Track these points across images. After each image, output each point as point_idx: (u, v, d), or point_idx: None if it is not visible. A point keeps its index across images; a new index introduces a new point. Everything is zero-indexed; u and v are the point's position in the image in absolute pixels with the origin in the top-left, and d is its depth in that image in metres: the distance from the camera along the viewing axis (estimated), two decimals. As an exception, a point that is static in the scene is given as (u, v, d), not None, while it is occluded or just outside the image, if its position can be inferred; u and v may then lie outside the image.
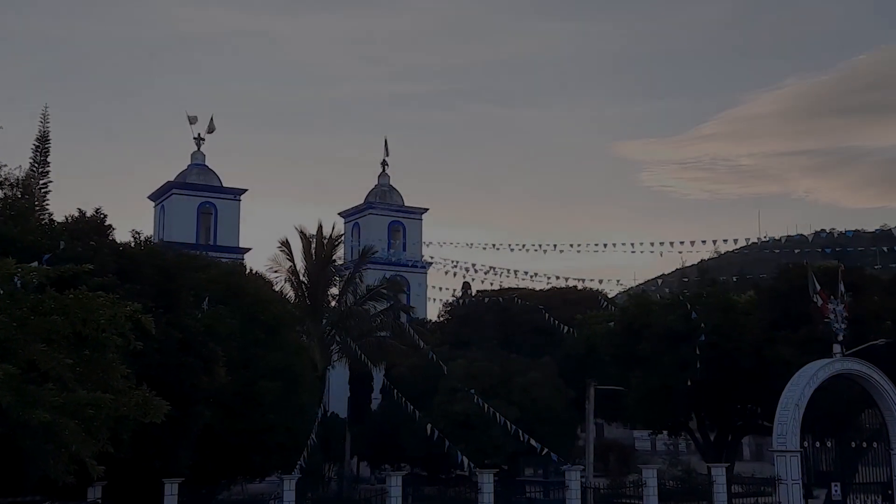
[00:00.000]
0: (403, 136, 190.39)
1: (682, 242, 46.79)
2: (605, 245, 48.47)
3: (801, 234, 46.43)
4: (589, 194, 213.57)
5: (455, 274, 53.23)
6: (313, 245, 40.37)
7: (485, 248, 53.59)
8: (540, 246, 48.44)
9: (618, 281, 63.91)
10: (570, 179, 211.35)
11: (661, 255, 47.01)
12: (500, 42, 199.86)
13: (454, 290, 54.48)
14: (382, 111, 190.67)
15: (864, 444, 31.17)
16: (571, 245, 47.79)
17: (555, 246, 47.53)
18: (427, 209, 63.87)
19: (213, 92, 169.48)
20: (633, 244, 46.46)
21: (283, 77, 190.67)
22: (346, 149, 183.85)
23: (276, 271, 39.50)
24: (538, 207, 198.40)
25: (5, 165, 26.14)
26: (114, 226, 26.64)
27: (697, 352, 34.01)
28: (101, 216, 26.41)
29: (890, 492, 29.79)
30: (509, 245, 64.46)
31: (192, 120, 58.26)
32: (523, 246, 51.61)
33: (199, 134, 58.96)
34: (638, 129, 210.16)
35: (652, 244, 46.50)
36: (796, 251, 48.86)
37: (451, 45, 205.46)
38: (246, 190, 58.34)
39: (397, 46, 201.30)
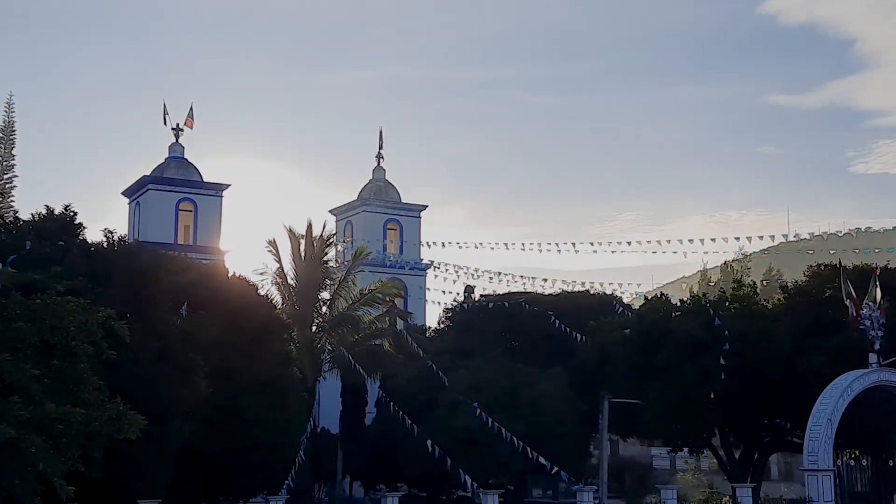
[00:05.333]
0: (400, 126, 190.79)
1: (702, 240, 46.83)
2: (620, 243, 48.47)
3: (835, 233, 46.51)
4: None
5: (457, 277, 53.25)
6: (302, 245, 40.41)
7: (492, 249, 53.48)
8: (551, 245, 48.54)
9: (637, 284, 63.75)
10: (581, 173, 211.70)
11: (686, 255, 47.10)
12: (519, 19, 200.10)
13: (455, 295, 54.47)
14: (378, 99, 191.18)
15: (903, 463, 31.20)
16: (582, 243, 47.81)
17: (571, 244, 47.51)
18: (426, 206, 63.86)
19: (193, 79, 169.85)
20: (649, 242, 46.52)
21: (272, 64, 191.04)
22: (338, 141, 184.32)
23: (261, 274, 39.57)
24: (544, 206, 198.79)
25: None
26: (85, 224, 26.73)
27: (721, 362, 34.02)
28: (71, 214, 26.48)
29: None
30: (514, 244, 64.36)
31: (167, 112, 57.96)
32: (530, 246, 51.62)
33: (177, 124, 58.93)
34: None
35: (669, 241, 46.58)
36: (832, 251, 48.88)
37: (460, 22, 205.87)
38: (229, 185, 58.33)
39: (397, 28, 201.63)
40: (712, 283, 73.59)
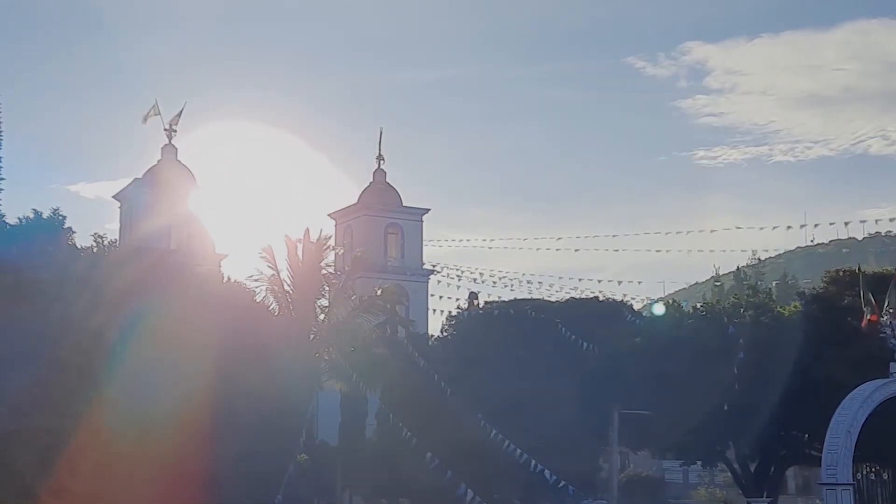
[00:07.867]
0: (401, 127, 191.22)
1: (712, 251, 46.86)
2: (627, 251, 48.41)
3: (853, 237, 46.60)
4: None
5: (460, 283, 53.27)
6: (300, 251, 40.32)
7: (490, 248, 53.59)
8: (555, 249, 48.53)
9: (646, 296, 63.97)
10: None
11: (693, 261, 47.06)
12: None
13: (459, 302, 54.55)
14: (379, 99, 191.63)
15: (926, 477, 31.00)
16: (588, 249, 47.86)
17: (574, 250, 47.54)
18: (428, 209, 63.96)
19: (187, 77, 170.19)
20: (658, 249, 46.54)
21: (267, 59, 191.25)
22: (337, 143, 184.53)
23: (257, 280, 39.50)
24: (551, 208, 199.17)
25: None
26: (74, 228, 26.71)
27: (735, 371, 33.92)
28: (60, 217, 26.45)
29: (955, 531, 29.70)
30: (520, 249, 64.42)
31: (155, 111, 57.78)
32: (536, 250, 51.69)
33: (170, 125, 58.92)
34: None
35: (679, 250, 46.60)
36: (845, 250, 48.83)
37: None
38: (224, 187, 58.39)
39: (398, 25, 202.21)
40: (723, 290, 73.67)
